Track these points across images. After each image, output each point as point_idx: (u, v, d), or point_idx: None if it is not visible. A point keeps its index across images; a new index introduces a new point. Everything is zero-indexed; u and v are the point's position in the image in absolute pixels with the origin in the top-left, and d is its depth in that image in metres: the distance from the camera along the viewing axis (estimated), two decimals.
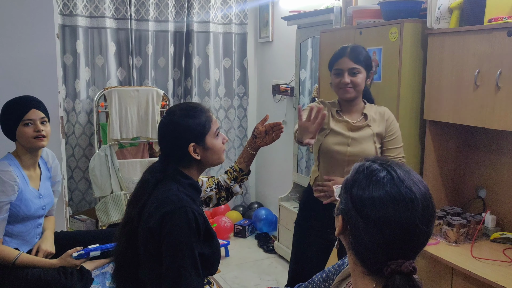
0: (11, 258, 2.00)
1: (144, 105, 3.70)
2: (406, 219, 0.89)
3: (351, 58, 2.07)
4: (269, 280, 3.38)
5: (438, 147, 2.43)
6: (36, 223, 2.16)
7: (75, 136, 4.00)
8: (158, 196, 1.54)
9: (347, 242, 0.99)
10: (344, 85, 2.07)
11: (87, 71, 3.99)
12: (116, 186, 3.66)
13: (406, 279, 0.87)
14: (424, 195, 0.92)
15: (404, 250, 0.90)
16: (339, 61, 2.09)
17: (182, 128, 1.58)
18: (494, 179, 2.37)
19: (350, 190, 0.96)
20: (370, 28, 2.53)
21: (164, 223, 1.47)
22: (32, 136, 2.07)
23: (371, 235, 0.91)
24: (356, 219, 0.93)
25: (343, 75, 2.07)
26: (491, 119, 2.03)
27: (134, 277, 1.59)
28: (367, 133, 2.10)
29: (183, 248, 1.45)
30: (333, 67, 2.13)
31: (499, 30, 1.97)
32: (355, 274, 1.00)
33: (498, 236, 2.21)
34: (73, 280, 2.00)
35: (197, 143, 1.59)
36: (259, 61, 4.70)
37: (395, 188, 0.91)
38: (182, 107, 1.65)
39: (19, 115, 2.07)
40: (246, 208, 4.68)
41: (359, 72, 2.07)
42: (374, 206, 0.91)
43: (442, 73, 2.25)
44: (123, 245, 1.59)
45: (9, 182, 1.96)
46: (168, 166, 1.61)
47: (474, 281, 1.91)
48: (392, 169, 0.94)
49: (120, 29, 4.07)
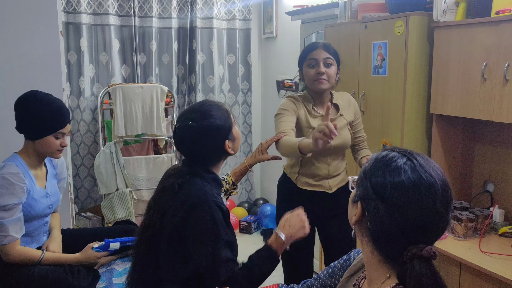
0: (35, 258, 2.01)
1: (149, 102, 3.70)
2: (427, 203, 0.90)
3: (324, 49, 2.15)
4: (275, 276, 3.36)
5: (445, 141, 2.41)
6: (43, 221, 2.16)
7: (80, 134, 4.00)
8: (183, 193, 1.53)
9: (364, 229, 0.98)
10: (319, 75, 2.12)
11: (91, 68, 3.99)
12: (122, 183, 3.66)
13: (426, 264, 0.87)
14: (443, 181, 0.93)
15: (424, 235, 0.91)
16: (313, 52, 2.16)
17: (214, 129, 1.57)
18: (502, 173, 2.35)
19: (370, 178, 0.96)
20: (375, 22, 2.51)
21: (189, 217, 1.48)
22: (57, 149, 2.08)
23: (393, 219, 0.91)
24: (377, 204, 0.93)
25: (319, 65, 2.13)
26: (499, 112, 2.01)
27: (152, 279, 1.56)
28: (342, 123, 2.21)
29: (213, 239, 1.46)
30: (306, 59, 2.17)
31: (507, 22, 1.94)
32: (370, 264, 0.99)
33: (506, 230, 2.19)
34: (79, 278, 2.00)
35: (229, 138, 1.62)
36: (263, 57, 4.68)
37: (416, 173, 0.92)
38: (201, 110, 1.61)
39: (56, 127, 2.04)
40: (252, 204, 4.67)
41: (332, 64, 2.15)
42: (395, 190, 0.91)
43: (449, 67, 2.23)
44: (144, 250, 1.56)
45: (19, 185, 1.95)
46: (192, 167, 1.60)
47: (483, 275, 1.89)
48: (412, 156, 0.95)
49: (124, 26, 4.07)
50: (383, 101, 2.49)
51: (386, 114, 2.47)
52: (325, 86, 2.15)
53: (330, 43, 2.23)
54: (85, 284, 1.99)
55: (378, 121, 2.53)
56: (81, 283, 1.98)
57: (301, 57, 2.21)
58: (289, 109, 2.19)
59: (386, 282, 0.94)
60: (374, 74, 2.53)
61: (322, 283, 1.28)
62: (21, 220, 1.98)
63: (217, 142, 1.59)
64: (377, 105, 2.53)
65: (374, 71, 2.52)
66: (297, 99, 2.23)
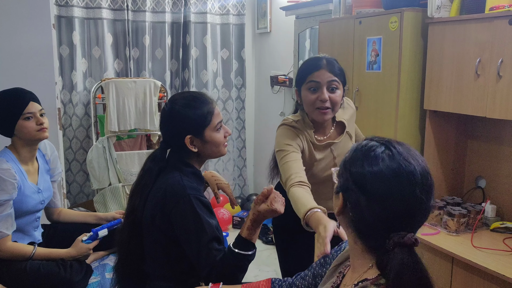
0: (27, 253, 1.99)
1: (142, 97, 3.68)
2: (407, 191, 0.90)
3: (329, 70, 1.80)
4: (268, 271, 3.38)
5: (438, 137, 2.42)
6: (35, 216, 2.14)
7: (72, 128, 3.97)
8: (161, 186, 1.53)
9: (347, 220, 0.98)
10: (322, 103, 1.79)
11: (83, 62, 3.96)
12: (114, 178, 3.64)
13: (408, 252, 0.87)
14: (423, 167, 0.92)
15: (405, 223, 0.91)
16: (315, 73, 1.79)
17: (180, 118, 1.54)
18: (494, 169, 2.37)
19: (350, 168, 0.96)
20: (369, 18, 2.51)
21: (171, 214, 1.47)
22: (36, 129, 2.04)
23: (374, 211, 0.91)
24: (358, 196, 0.93)
25: (322, 90, 1.79)
26: (492, 108, 2.02)
27: (137, 269, 1.58)
28: (347, 144, 1.94)
29: (199, 230, 1.46)
30: (306, 81, 1.82)
31: (501, 19, 1.95)
32: (353, 253, 1.00)
33: (498, 225, 2.21)
34: (72, 272, 1.99)
35: (195, 135, 1.55)
36: (257, 52, 4.67)
37: (394, 161, 0.91)
38: (185, 95, 1.61)
39: (18, 110, 2.02)
40: (245, 200, 4.67)
41: (337, 87, 1.81)
42: (375, 181, 0.91)
43: (443, 63, 2.24)
44: (127, 236, 1.57)
45: (9, 181, 1.93)
46: (170, 154, 1.59)
47: (475, 270, 1.91)
48: (391, 145, 0.95)
49: (117, 20, 4.03)
50: (377, 97, 2.49)
51: (380, 109, 2.48)
52: (328, 116, 1.83)
53: (334, 60, 1.87)
54: (77, 279, 1.98)
55: (372, 117, 2.54)
56: (73, 277, 1.97)
57: (300, 77, 1.86)
58: (293, 144, 1.82)
59: (369, 271, 0.94)
60: (368, 70, 2.53)
61: (314, 272, 1.29)
62: (11, 216, 1.96)
63: (178, 132, 1.54)
64: (371, 100, 2.53)
65: (368, 67, 2.53)
66: (297, 129, 1.87)
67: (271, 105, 4.44)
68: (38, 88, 2.21)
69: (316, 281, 1.27)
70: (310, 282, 1.29)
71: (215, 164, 4.56)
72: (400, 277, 0.85)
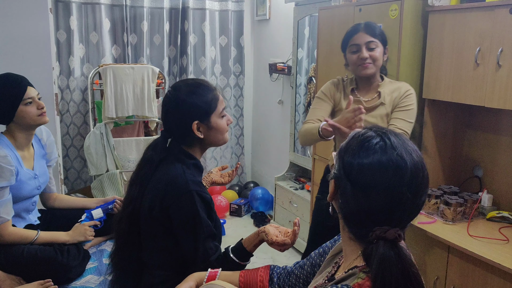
0: (29, 238, 1.99)
1: (140, 83, 3.66)
2: (392, 186, 0.89)
3: (367, 32, 2.02)
4: (265, 259, 3.40)
5: (437, 126, 2.42)
6: (31, 201, 2.14)
7: (69, 114, 3.96)
8: (163, 177, 1.52)
9: (337, 206, 0.99)
10: (362, 60, 2.01)
11: (81, 48, 3.93)
12: (112, 165, 3.64)
13: (390, 245, 0.86)
14: (415, 164, 0.91)
15: (389, 217, 0.90)
16: (354, 36, 2.03)
17: (187, 105, 1.53)
18: (491, 158, 2.37)
19: (343, 157, 0.96)
20: (370, 5, 2.49)
21: (171, 207, 1.47)
22: (37, 114, 2.04)
23: (358, 200, 0.92)
24: (345, 184, 0.94)
25: (361, 50, 2.01)
26: (491, 97, 2.01)
27: (134, 259, 1.57)
28: (380, 113, 2.05)
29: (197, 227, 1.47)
30: (348, 45, 2.06)
31: (501, 7, 1.94)
32: (344, 240, 1.01)
33: (494, 215, 2.22)
34: (69, 257, 1.99)
35: (201, 121, 1.55)
36: (256, 39, 4.64)
37: (386, 154, 0.91)
38: (189, 83, 1.60)
39: (18, 96, 2.00)
40: (242, 188, 4.68)
41: (376, 46, 2.02)
42: (361, 171, 0.91)
43: (442, 51, 2.23)
44: (125, 225, 1.56)
45: (7, 167, 1.92)
46: (171, 143, 1.58)
47: (470, 259, 1.92)
48: (386, 136, 0.94)
49: (115, 5, 4.00)
50: None
51: None
52: (370, 70, 2.03)
53: (373, 23, 2.08)
54: (75, 264, 1.99)
55: None
56: (71, 262, 1.97)
57: (344, 43, 2.10)
58: (327, 94, 2.14)
59: (359, 258, 0.95)
60: None
61: (313, 262, 1.30)
62: (10, 201, 1.96)
63: (184, 119, 1.53)
64: None
65: None
66: (339, 82, 2.16)
67: (269, 93, 4.42)
68: (35, 74, 2.20)
69: (314, 271, 1.28)
70: (308, 271, 1.30)
71: (213, 151, 4.56)
72: (381, 270, 0.84)
